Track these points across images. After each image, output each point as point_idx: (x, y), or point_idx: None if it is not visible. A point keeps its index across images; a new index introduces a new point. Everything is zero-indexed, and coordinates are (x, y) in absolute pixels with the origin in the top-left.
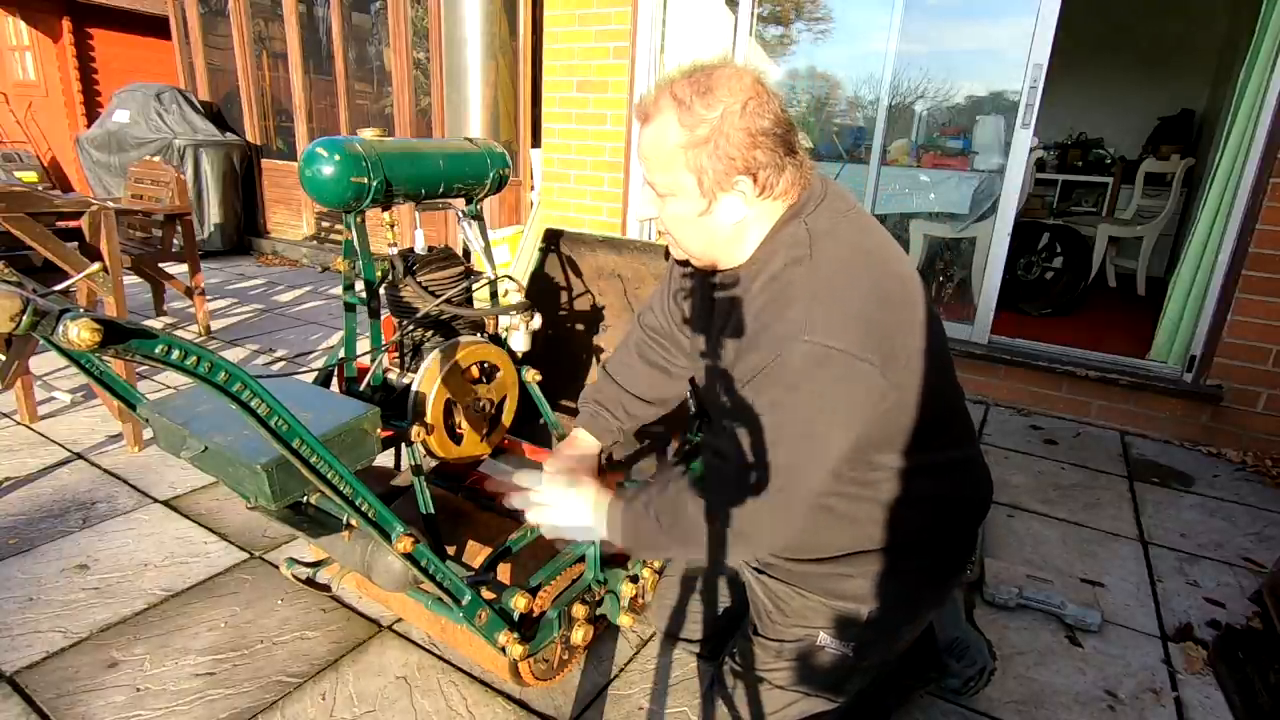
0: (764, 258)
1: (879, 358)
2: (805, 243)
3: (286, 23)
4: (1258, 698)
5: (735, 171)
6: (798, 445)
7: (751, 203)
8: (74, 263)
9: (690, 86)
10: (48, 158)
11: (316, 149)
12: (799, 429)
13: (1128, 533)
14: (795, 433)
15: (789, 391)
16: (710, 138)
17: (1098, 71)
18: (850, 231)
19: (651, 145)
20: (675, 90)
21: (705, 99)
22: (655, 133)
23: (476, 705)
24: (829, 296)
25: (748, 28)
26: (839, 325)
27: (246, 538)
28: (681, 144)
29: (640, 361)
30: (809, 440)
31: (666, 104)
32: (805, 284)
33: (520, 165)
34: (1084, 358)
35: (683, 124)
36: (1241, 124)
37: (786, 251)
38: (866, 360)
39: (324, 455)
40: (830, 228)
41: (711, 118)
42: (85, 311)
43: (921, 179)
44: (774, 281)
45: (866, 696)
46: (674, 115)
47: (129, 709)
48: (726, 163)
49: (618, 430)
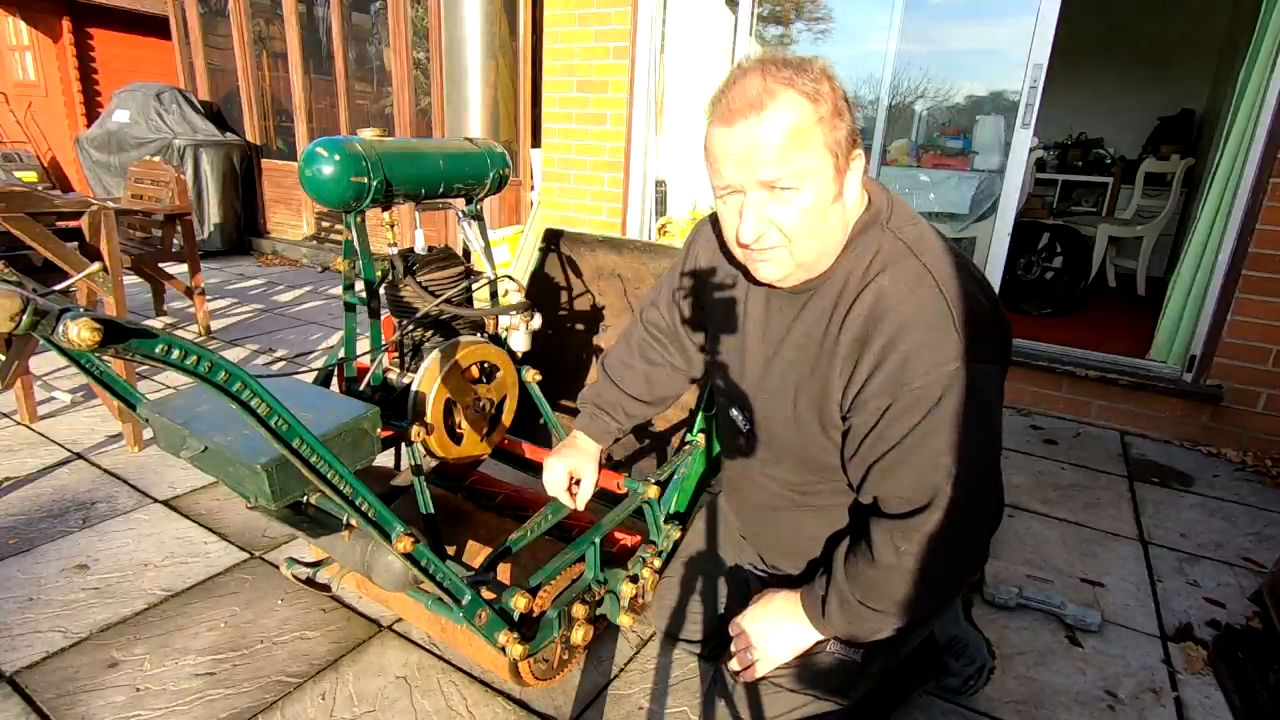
0: (848, 266)
1: (1006, 359)
2: (909, 254)
3: (286, 23)
4: (1258, 698)
5: (854, 144)
6: (984, 474)
7: (857, 185)
8: (74, 263)
9: (786, 66)
10: (48, 158)
11: (316, 149)
12: (984, 455)
13: (1128, 533)
14: (981, 462)
15: (976, 419)
16: (838, 110)
17: (1098, 71)
18: (934, 236)
19: (777, 131)
20: (777, 73)
21: (809, 74)
22: (781, 116)
23: (476, 705)
24: (970, 311)
25: (748, 28)
26: (987, 336)
27: (246, 538)
28: (817, 120)
29: (641, 361)
30: (980, 456)
31: (779, 85)
32: (940, 303)
33: (520, 165)
34: (1084, 358)
35: (812, 98)
36: (1241, 124)
37: (895, 266)
38: (1003, 366)
39: (324, 455)
40: (919, 235)
41: (825, 92)
42: (85, 311)
43: (921, 179)
44: (895, 301)
45: (867, 696)
46: (795, 94)
47: (129, 709)
48: (849, 134)
49: (617, 431)
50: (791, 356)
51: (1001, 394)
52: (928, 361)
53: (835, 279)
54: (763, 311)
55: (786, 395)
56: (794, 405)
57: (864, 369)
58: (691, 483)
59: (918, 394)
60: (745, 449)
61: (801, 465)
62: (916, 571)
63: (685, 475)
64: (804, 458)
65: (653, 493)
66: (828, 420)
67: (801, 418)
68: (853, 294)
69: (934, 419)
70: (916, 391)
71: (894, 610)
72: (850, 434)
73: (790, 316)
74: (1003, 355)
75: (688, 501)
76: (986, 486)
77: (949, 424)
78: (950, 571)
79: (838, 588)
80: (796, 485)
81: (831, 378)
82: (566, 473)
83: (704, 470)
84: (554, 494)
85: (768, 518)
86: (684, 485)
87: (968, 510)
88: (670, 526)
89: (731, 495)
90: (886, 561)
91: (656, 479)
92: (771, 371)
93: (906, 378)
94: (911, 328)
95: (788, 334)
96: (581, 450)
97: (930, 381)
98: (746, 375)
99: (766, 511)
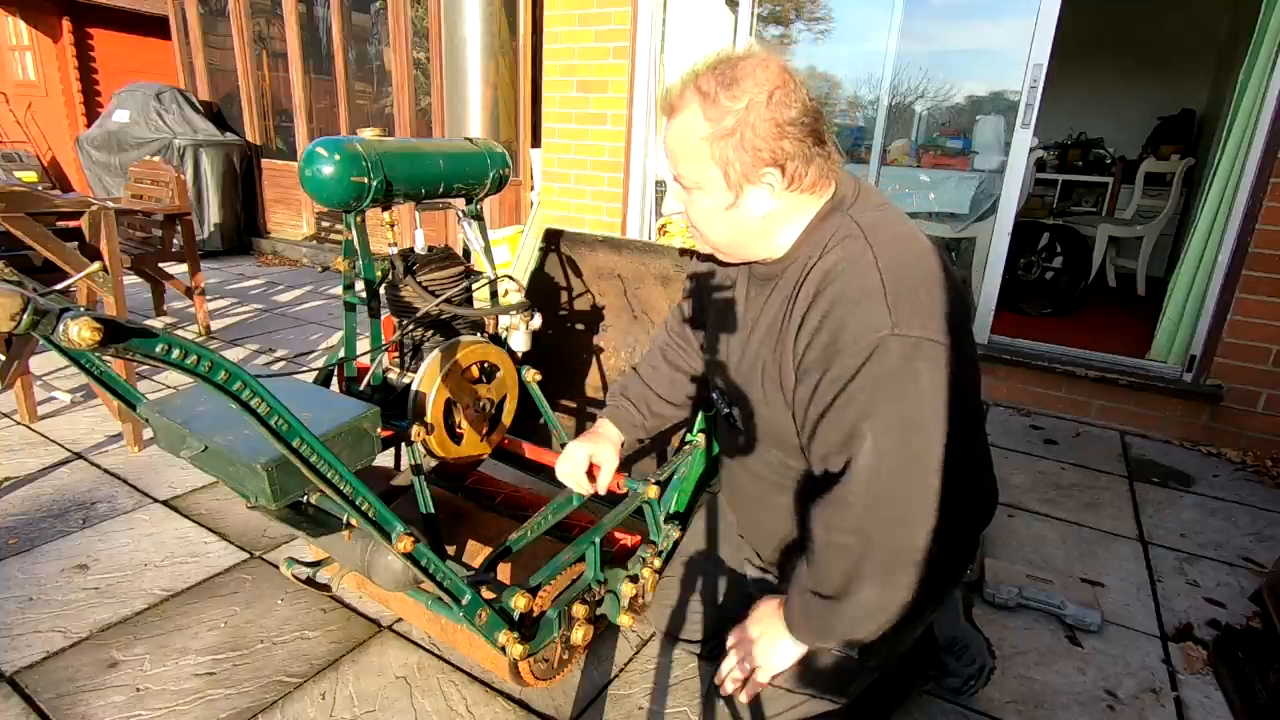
0: (807, 252)
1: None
2: (859, 235)
3: (286, 23)
4: (1258, 698)
5: (762, 164)
6: (910, 443)
7: (780, 195)
8: (74, 262)
9: (715, 78)
10: (48, 158)
11: (316, 149)
12: (910, 426)
13: (1128, 533)
14: (907, 432)
15: (896, 388)
16: (736, 129)
17: (1098, 71)
18: (896, 221)
19: (677, 138)
20: (700, 82)
21: (730, 90)
22: (680, 126)
23: (476, 705)
24: (905, 288)
25: (748, 27)
26: (924, 314)
27: (246, 538)
28: (706, 137)
29: (664, 363)
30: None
31: (691, 97)
32: (875, 278)
33: (520, 165)
34: (1084, 357)
35: (707, 117)
36: (1241, 124)
37: (841, 246)
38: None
39: (324, 455)
40: (876, 219)
41: (737, 109)
42: (85, 311)
43: (921, 179)
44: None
45: (867, 696)
46: (698, 108)
47: (129, 709)
48: (753, 155)
49: (641, 425)
50: (760, 338)
51: (946, 374)
52: (854, 330)
53: (796, 264)
54: (743, 300)
55: (755, 377)
56: (761, 386)
57: (802, 341)
58: (691, 483)
59: (843, 360)
60: (732, 438)
61: (776, 446)
62: (852, 549)
63: (685, 475)
64: (777, 438)
65: (653, 493)
66: (787, 396)
67: (769, 398)
68: (806, 274)
69: (854, 385)
70: (842, 357)
71: (847, 598)
72: (795, 406)
73: (760, 303)
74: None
75: (687, 501)
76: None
77: (868, 391)
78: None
79: (797, 585)
80: (776, 468)
81: (786, 355)
82: (587, 455)
83: (704, 470)
84: (567, 479)
85: (756, 505)
86: (684, 485)
87: (891, 482)
88: (670, 526)
89: (727, 490)
90: (823, 541)
91: (656, 479)
92: (745, 355)
93: (836, 346)
94: (844, 300)
95: (759, 319)
96: (605, 436)
97: (857, 350)
98: (728, 362)
99: (754, 500)
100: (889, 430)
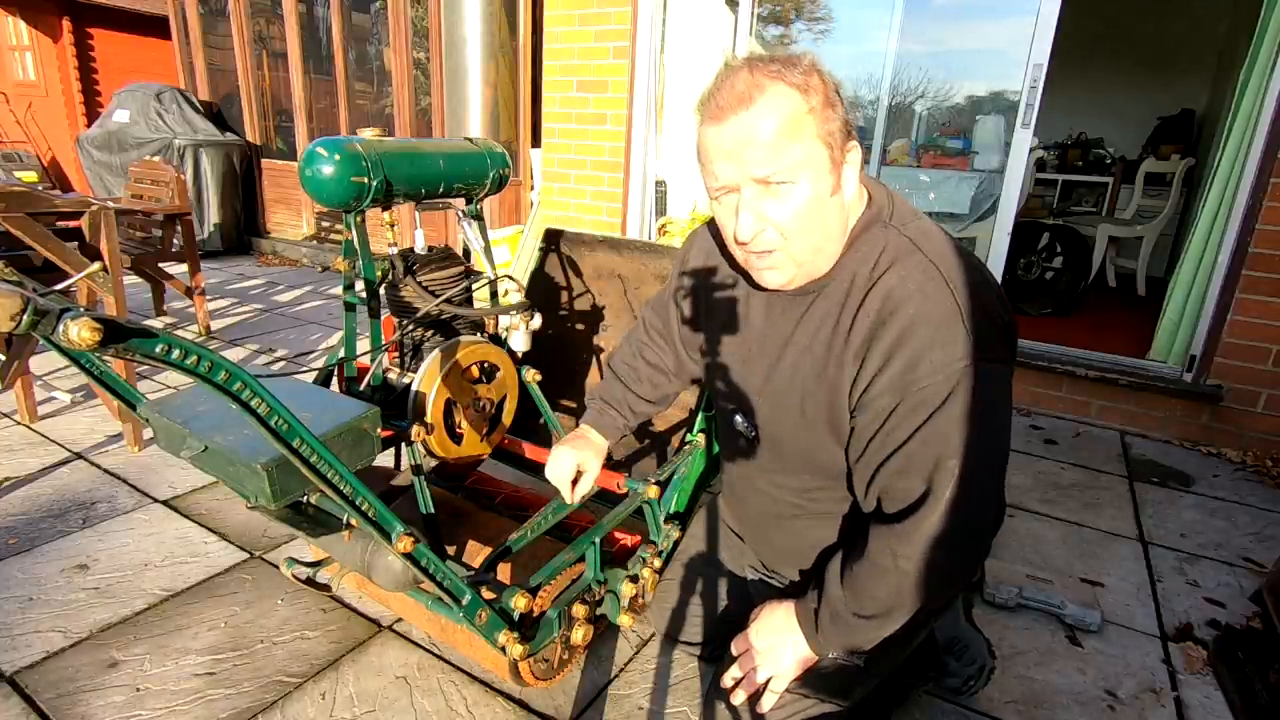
0: (853, 267)
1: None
2: (915, 250)
3: (286, 23)
4: (1258, 698)
5: (849, 136)
6: (993, 474)
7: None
8: (74, 262)
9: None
10: (48, 158)
11: (316, 149)
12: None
13: (1128, 533)
14: (990, 463)
15: (980, 421)
16: (829, 101)
17: (1098, 71)
18: (936, 231)
19: (769, 125)
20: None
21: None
22: (770, 109)
23: (476, 705)
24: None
25: (748, 27)
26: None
27: (246, 538)
28: (808, 110)
29: (644, 364)
30: (999, 464)
31: (767, 79)
32: (949, 300)
33: (520, 165)
34: (1084, 357)
35: (801, 90)
36: (1241, 124)
37: (900, 264)
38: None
39: (324, 455)
40: (922, 231)
41: (815, 84)
42: (85, 311)
43: (921, 179)
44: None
45: (867, 697)
46: (785, 86)
47: (129, 709)
48: (842, 126)
49: (623, 427)
50: (797, 360)
51: (1009, 394)
52: (937, 360)
53: (840, 279)
54: (764, 315)
55: (793, 399)
56: (801, 409)
57: (871, 367)
58: (691, 483)
59: (925, 393)
60: (748, 455)
61: (807, 471)
62: (913, 576)
63: (685, 475)
64: (811, 463)
65: (653, 493)
66: (838, 423)
67: (810, 422)
68: (860, 293)
69: (940, 419)
70: (924, 390)
71: (887, 617)
72: (856, 434)
73: (794, 319)
74: (1010, 353)
75: (687, 501)
76: (990, 490)
77: (955, 424)
78: (946, 577)
79: (830, 603)
80: (801, 491)
81: (841, 379)
82: (574, 464)
83: (704, 470)
84: (556, 483)
85: (770, 524)
86: (684, 485)
87: (969, 514)
88: (670, 526)
89: (731, 501)
90: (883, 566)
91: (656, 479)
92: (776, 376)
93: (915, 376)
94: (920, 324)
95: (792, 337)
96: (590, 444)
97: (939, 380)
98: (750, 380)
99: (769, 519)
100: (973, 463)
